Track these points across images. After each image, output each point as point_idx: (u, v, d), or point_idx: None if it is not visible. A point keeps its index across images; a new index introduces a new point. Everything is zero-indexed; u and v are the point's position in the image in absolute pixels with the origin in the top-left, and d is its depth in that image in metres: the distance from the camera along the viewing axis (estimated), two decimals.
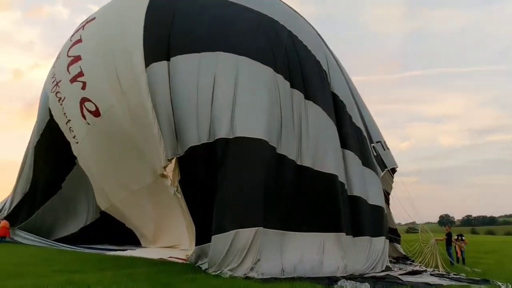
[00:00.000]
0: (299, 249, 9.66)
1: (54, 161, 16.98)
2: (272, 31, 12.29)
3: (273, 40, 12.03)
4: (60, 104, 15.03)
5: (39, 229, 17.74)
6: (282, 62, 11.57)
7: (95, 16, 14.59)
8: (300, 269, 9.37)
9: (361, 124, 14.03)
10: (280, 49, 11.82)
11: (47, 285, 6.87)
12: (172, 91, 10.90)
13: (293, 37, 12.65)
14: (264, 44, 11.73)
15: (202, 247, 9.85)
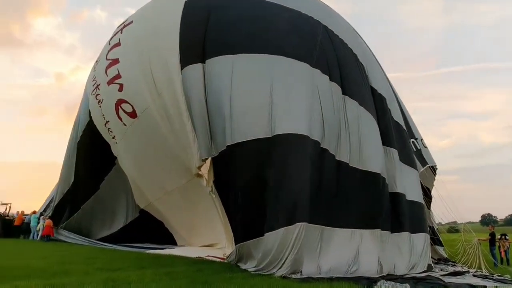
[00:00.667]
0: (337, 245, 9.56)
1: (93, 162, 17.45)
2: (307, 28, 12.15)
3: (308, 36, 11.90)
4: (100, 106, 15.45)
5: (80, 230, 18.38)
6: (318, 56, 11.41)
7: (132, 19, 14.90)
8: (337, 266, 9.26)
9: (401, 119, 13.72)
10: (315, 45, 11.66)
11: (90, 283, 7.09)
12: (207, 93, 10.98)
13: (329, 32, 12.46)
14: (298, 41, 11.61)
15: (242, 247, 9.83)
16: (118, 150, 15.66)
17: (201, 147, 10.58)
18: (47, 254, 12.70)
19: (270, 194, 9.56)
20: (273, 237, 9.07)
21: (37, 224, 21.79)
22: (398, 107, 13.87)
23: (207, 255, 12.19)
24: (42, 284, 6.79)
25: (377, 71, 13.93)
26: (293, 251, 8.82)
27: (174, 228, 16.55)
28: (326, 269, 9.10)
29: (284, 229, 9.00)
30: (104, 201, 17.60)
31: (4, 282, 6.98)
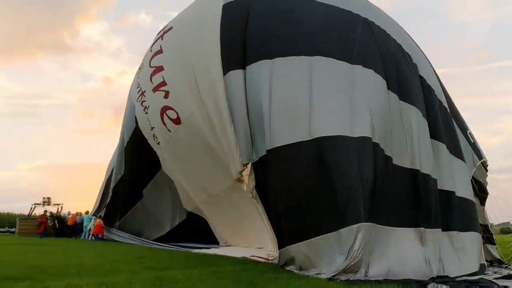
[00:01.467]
0: (389, 245, 9.32)
1: (139, 168, 18.03)
2: (345, 23, 11.85)
3: (347, 31, 11.59)
4: (146, 112, 15.84)
5: (131, 231, 19.04)
6: (359, 52, 11.13)
7: (171, 25, 15.06)
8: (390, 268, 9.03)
9: (451, 111, 13.24)
10: (355, 40, 11.36)
11: (138, 281, 7.28)
12: (248, 99, 11.01)
13: (370, 23, 12.07)
14: (337, 38, 11.35)
15: (288, 251, 9.65)
16: (163, 155, 16.00)
17: (242, 152, 10.61)
18: (98, 253, 13.15)
19: (317, 196, 9.42)
20: (332, 238, 8.92)
21: (89, 224, 22.70)
22: (445, 99, 13.36)
23: (252, 255, 12.24)
24: (93, 282, 7.02)
25: (423, 61, 13.47)
26: (355, 251, 8.62)
27: (218, 231, 16.71)
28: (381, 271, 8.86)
29: (345, 229, 8.84)
30: (150, 206, 18.18)
31: (57, 280, 7.27)
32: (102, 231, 20.10)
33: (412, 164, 10.51)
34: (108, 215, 20.39)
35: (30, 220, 29.74)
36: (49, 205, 29.68)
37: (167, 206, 17.49)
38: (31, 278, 7.37)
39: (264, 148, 10.29)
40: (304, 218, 9.47)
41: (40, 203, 29.80)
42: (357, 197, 9.09)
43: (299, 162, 9.90)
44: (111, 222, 20.21)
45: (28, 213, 32.03)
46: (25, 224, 28.23)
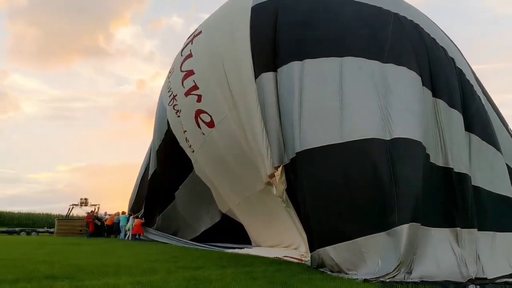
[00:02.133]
0: (430, 246, 9.12)
1: (170, 170, 18.32)
2: (375, 20, 11.56)
3: (377, 29, 11.30)
4: (178, 116, 16.04)
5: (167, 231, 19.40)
6: (390, 49, 10.89)
7: (201, 29, 15.07)
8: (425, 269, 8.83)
9: (490, 107, 12.79)
10: (386, 37, 11.12)
11: (173, 281, 7.41)
12: (279, 102, 10.97)
13: (401, 18, 11.75)
14: (367, 36, 11.09)
15: (319, 253, 9.46)
16: (196, 158, 16.16)
17: (274, 155, 10.59)
18: (135, 252, 13.44)
19: (350, 199, 9.27)
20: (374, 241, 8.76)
21: (126, 224, 23.24)
22: (483, 94, 12.91)
23: (285, 255, 12.21)
24: (130, 282, 7.19)
25: (459, 55, 13.05)
26: (405, 252, 8.48)
27: (250, 232, 16.71)
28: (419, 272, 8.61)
29: (390, 231, 8.67)
30: (183, 208, 18.49)
31: (95, 279, 7.48)
32: (141, 230, 20.59)
33: (445, 163, 10.24)
34: (145, 216, 20.88)
35: (69, 221, 30.68)
36: (86, 205, 30.52)
37: (201, 208, 17.67)
38: (71, 277, 7.61)
39: (294, 150, 10.21)
40: (336, 221, 9.33)
41: (78, 204, 30.68)
42: (399, 198, 8.89)
43: (330, 165, 9.75)
44: (148, 223, 20.69)
45: (66, 214, 33.06)
46: (63, 224, 29.12)
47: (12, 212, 54.91)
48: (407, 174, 9.25)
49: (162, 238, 19.39)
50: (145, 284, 6.99)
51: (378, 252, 8.71)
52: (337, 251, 9.04)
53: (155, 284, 7.04)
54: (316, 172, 9.90)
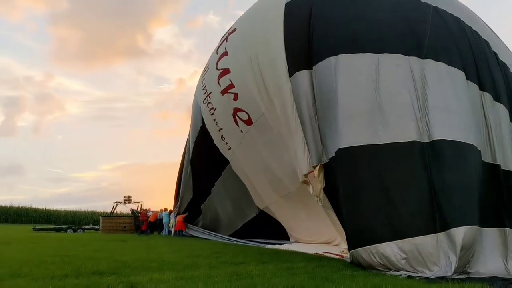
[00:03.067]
0: (483, 246, 8.86)
1: (206, 166, 18.57)
2: (414, 14, 11.17)
3: (416, 23, 10.91)
4: (212, 114, 16.17)
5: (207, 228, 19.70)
6: (430, 44, 10.50)
7: (235, 27, 15.09)
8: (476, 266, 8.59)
9: None
10: (425, 32, 10.67)
11: (216, 276, 7.51)
12: (316, 100, 10.85)
13: (441, 12, 11.33)
14: (405, 31, 10.70)
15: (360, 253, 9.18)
16: (231, 156, 16.28)
17: (312, 154, 10.50)
18: (177, 248, 13.69)
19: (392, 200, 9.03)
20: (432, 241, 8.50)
21: (169, 220, 23.75)
22: None
23: (325, 251, 12.15)
24: (174, 277, 7.35)
25: (503, 48, 12.49)
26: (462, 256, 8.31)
27: (288, 228, 16.62)
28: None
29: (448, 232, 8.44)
30: (219, 204, 18.69)
31: (140, 275, 7.67)
32: (184, 226, 21.02)
33: (493, 160, 9.88)
34: (185, 212, 21.31)
35: (113, 218, 31.57)
36: (130, 203, 31.35)
37: (237, 204, 17.79)
38: (116, 273, 7.83)
39: (332, 150, 10.06)
40: (375, 222, 9.07)
41: (122, 201, 31.52)
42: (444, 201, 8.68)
43: (367, 166, 9.51)
44: (189, 219, 21.10)
45: (110, 211, 34.02)
46: (108, 221, 30.00)
47: (59, 210, 57.29)
48: (450, 177, 8.93)
49: (203, 234, 19.73)
50: (188, 279, 7.12)
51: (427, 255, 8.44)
52: (377, 251, 8.78)
53: (198, 279, 7.16)
54: (353, 172, 9.67)
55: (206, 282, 6.79)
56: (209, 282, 6.84)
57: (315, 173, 10.77)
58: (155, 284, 6.66)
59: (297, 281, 6.94)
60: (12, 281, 6.80)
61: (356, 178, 9.56)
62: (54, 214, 55.72)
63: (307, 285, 6.64)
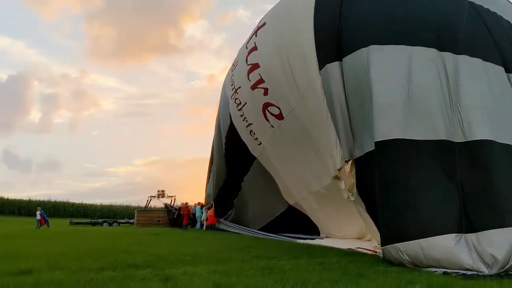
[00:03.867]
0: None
1: (234, 162, 18.68)
2: (449, 9, 10.82)
3: (451, 18, 10.56)
4: (239, 109, 16.20)
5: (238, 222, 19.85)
6: (465, 40, 10.05)
7: (265, 21, 14.99)
8: None
9: None
10: (460, 27, 10.26)
11: (248, 270, 7.57)
12: (346, 93, 10.67)
13: (477, 7, 10.95)
14: (440, 25, 10.34)
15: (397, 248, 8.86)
16: (260, 151, 16.28)
17: (344, 148, 10.36)
18: (210, 242, 13.88)
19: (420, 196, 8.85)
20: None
21: (201, 215, 24.07)
22: None
23: (357, 247, 12.05)
24: (208, 270, 7.46)
25: None
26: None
27: (319, 224, 16.49)
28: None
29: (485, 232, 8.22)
30: (249, 199, 18.80)
31: (175, 268, 7.82)
32: (216, 220, 21.25)
33: None
34: (217, 207, 21.50)
35: (147, 212, 32.19)
36: (164, 197, 31.86)
37: (266, 199, 17.81)
38: (152, 266, 8.01)
39: (364, 144, 9.95)
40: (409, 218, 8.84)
41: (155, 195, 32.08)
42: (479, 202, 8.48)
43: (397, 160, 9.30)
44: (221, 214, 21.29)
45: (145, 205, 34.70)
46: (142, 215, 30.60)
47: (94, 204, 58.95)
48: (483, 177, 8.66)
49: (234, 228, 19.89)
50: (222, 273, 7.22)
51: (454, 255, 8.20)
52: (405, 249, 8.58)
53: (231, 272, 7.24)
54: (386, 166, 9.44)
55: (239, 276, 6.87)
56: (242, 275, 6.92)
57: (347, 168, 10.66)
58: (189, 277, 6.78)
59: (330, 277, 6.92)
60: (51, 273, 7.04)
61: (388, 173, 9.37)
62: (90, 208, 57.30)
63: (340, 280, 6.61)
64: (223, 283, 6.24)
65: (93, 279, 6.50)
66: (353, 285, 6.27)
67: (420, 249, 8.36)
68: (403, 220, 8.87)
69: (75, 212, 54.52)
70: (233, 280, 6.45)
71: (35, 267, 7.55)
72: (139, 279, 6.56)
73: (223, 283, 6.21)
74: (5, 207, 49.43)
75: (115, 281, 6.37)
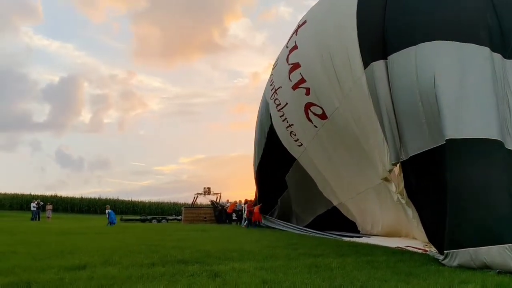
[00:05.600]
0: None
1: (275, 163, 18.71)
2: (502, 8, 10.16)
3: (504, 18, 9.97)
4: (279, 110, 16.12)
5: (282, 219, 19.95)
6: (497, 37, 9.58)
7: (305, 19, 14.74)
8: None
9: None
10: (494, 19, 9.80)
11: (295, 267, 7.56)
12: (392, 93, 10.15)
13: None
14: (495, 23, 9.80)
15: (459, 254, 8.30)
16: (300, 152, 16.18)
17: (391, 151, 10.03)
18: (255, 239, 13.96)
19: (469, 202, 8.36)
20: None
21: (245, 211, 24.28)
22: None
23: (407, 245, 11.74)
24: (255, 267, 7.50)
25: None
26: None
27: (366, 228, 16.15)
28: None
29: None
30: (289, 200, 18.93)
31: (222, 264, 7.92)
32: (260, 217, 21.39)
33: None
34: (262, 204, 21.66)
35: (194, 209, 32.81)
36: (209, 194, 32.41)
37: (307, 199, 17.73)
38: (200, 262, 8.15)
39: (415, 146, 9.53)
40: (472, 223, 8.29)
41: (202, 193, 32.66)
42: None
43: (451, 162, 8.77)
44: (266, 211, 21.41)
45: (191, 202, 35.35)
46: (190, 212, 31.20)
47: (143, 201, 60.69)
48: None
49: (279, 225, 19.92)
50: (268, 269, 7.24)
51: None
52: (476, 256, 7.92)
53: (278, 269, 7.26)
54: (439, 171, 8.93)
55: (286, 273, 6.87)
56: (289, 273, 6.91)
57: (396, 170, 10.40)
58: (237, 273, 6.85)
59: (379, 275, 6.80)
60: (104, 268, 7.29)
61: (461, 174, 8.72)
62: (139, 205, 59.06)
63: (390, 279, 6.47)
64: (270, 279, 6.26)
65: (144, 274, 6.67)
66: (404, 284, 6.12)
67: (488, 256, 7.71)
68: (471, 225, 8.25)
69: (124, 209, 56.35)
70: (280, 277, 6.46)
71: (89, 262, 7.85)
72: (188, 275, 6.68)
73: (271, 280, 6.23)
74: (58, 205, 51.67)
75: (165, 277, 6.53)
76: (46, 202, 38.50)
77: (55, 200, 51.65)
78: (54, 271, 6.87)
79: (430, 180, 9.39)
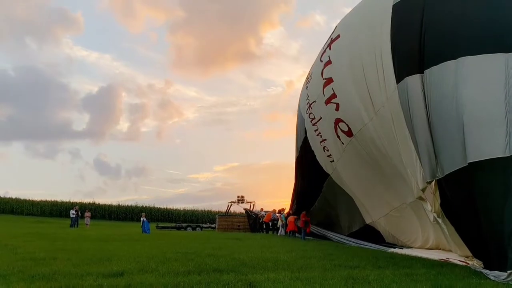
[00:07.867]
0: None
1: (309, 178, 18.71)
2: None
3: None
4: (313, 124, 16.00)
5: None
6: None
7: (338, 33, 14.49)
8: None
9: None
10: None
11: (331, 278, 7.43)
12: (428, 107, 9.76)
13: None
14: None
15: None
16: (333, 168, 16.02)
17: (425, 168, 9.68)
18: (290, 248, 13.83)
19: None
20: None
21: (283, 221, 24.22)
22: None
23: (447, 257, 11.38)
24: (290, 277, 7.44)
25: None
26: None
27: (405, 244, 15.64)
28: None
29: None
30: (322, 215, 18.78)
31: (257, 273, 7.90)
32: (295, 227, 21.26)
33: None
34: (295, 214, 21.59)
35: (228, 217, 32.94)
36: (243, 202, 32.55)
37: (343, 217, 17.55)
38: (235, 271, 8.16)
39: (453, 163, 9.13)
40: None
41: (235, 201, 32.79)
42: None
43: (497, 180, 8.46)
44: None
45: (225, 210, 35.51)
46: (224, 220, 31.35)
47: (178, 209, 61.41)
48: None
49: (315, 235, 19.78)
50: (304, 280, 7.16)
51: None
52: None
53: (313, 280, 7.16)
54: (476, 189, 8.66)
55: (322, 285, 6.78)
56: (325, 284, 6.82)
57: (431, 188, 10.06)
58: (272, 283, 6.81)
59: None
60: (141, 275, 7.40)
61: (488, 195, 8.51)
62: (174, 213, 59.84)
63: None
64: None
65: (180, 282, 6.73)
66: None
67: None
68: None
69: (160, 216, 57.27)
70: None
71: (127, 269, 8.00)
72: (223, 284, 6.69)
73: None
74: (96, 212, 52.97)
75: (201, 285, 6.57)
76: (84, 209, 39.55)
77: (93, 207, 53.02)
78: (93, 278, 7.03)
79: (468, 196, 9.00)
